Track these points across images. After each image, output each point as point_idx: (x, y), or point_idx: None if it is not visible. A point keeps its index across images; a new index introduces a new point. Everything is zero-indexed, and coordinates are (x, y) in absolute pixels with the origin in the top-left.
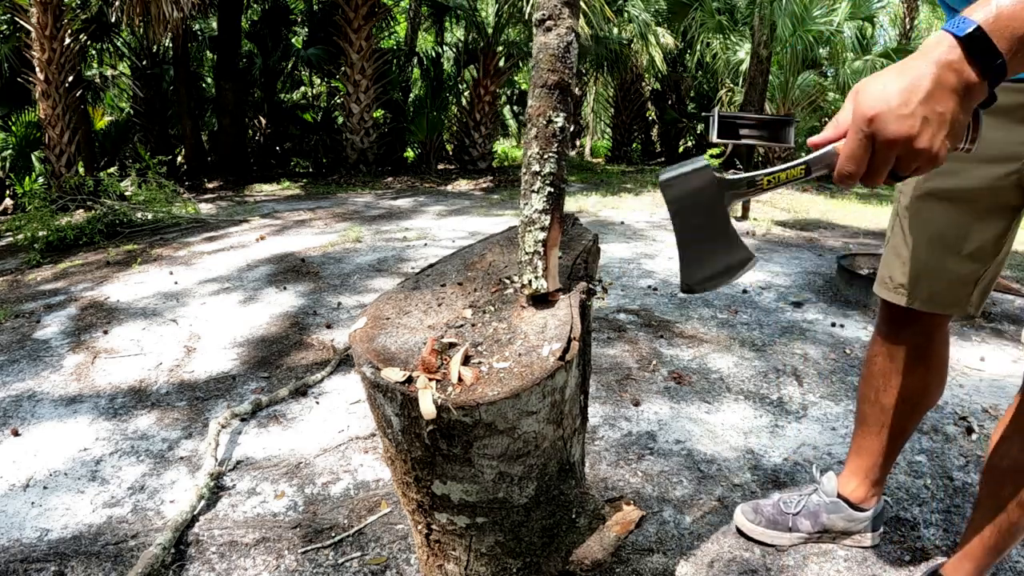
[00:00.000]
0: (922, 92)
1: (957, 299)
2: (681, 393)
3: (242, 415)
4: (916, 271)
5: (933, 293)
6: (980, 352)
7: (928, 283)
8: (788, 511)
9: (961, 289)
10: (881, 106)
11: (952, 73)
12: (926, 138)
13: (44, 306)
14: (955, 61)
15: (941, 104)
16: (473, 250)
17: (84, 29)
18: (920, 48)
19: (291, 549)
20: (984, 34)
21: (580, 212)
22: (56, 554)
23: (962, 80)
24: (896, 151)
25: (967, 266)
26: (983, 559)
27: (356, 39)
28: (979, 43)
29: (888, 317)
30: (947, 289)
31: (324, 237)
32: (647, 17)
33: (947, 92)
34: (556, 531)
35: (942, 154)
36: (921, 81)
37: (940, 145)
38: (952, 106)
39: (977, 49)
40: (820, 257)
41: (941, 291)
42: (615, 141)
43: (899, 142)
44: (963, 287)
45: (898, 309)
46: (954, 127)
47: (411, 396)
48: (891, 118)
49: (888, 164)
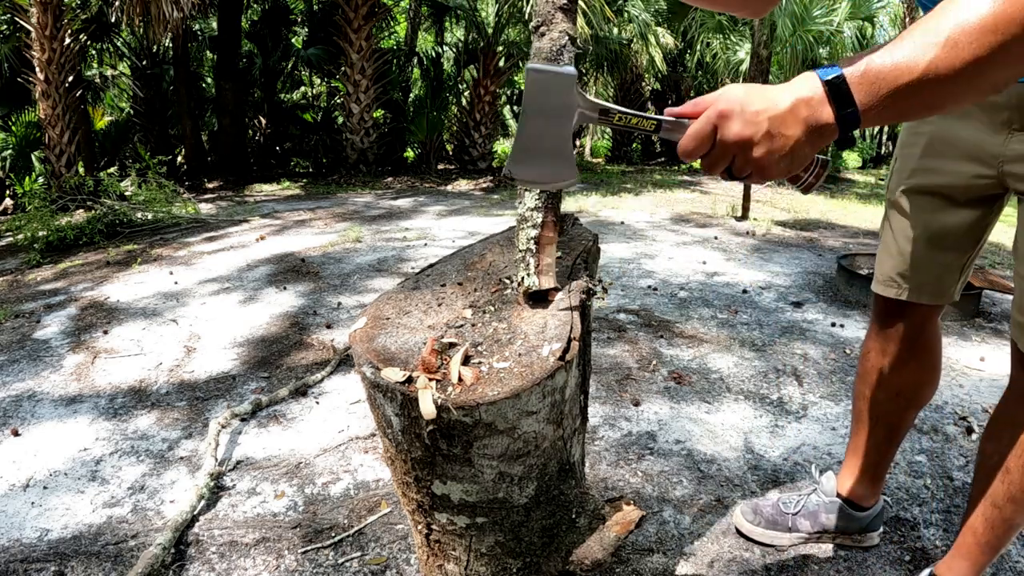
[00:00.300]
0: (774, 111)
1: (944, 288)
2: (681, 393)
3: (242, 415)
4: (905, 264)
5: (922, 284)
6: (980, 352)
7: (917, 274)
8: (787, 511)
9: (948, 278)
10: (735, 107)
11: (807, 107)
12: (762, 150)
13: (44, 306)
14: (814, 99)
15: (787, 128)
16: (473, 250)
17: (84, 29)
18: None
19: (291, 549)
20: (844, 84)
21: (580, 212)
22: (56, 554)
23: (814, 116)
24: (732, 151)
25: (951, 255)
26: (978, 557)
27: (356, 39)
28: (838, 90)
29: (880, 312)
30: (935, 279)
31: (324, 237)
32: (647, 17)
33: (797, 120)
34: (556, 531)
35: (772, 171)
36: (778, 103)
37: (773, 162)
38: (797, 134)
39: (835, 96)
40: (820, 257)
41: (929, 281)
42: (615, 141)
43: (737, 143)
44: (949, 275)
45: (890, 303)
46: (794, 153)
47: (411, 396)
48: (738, 120)
49: (724, 159)
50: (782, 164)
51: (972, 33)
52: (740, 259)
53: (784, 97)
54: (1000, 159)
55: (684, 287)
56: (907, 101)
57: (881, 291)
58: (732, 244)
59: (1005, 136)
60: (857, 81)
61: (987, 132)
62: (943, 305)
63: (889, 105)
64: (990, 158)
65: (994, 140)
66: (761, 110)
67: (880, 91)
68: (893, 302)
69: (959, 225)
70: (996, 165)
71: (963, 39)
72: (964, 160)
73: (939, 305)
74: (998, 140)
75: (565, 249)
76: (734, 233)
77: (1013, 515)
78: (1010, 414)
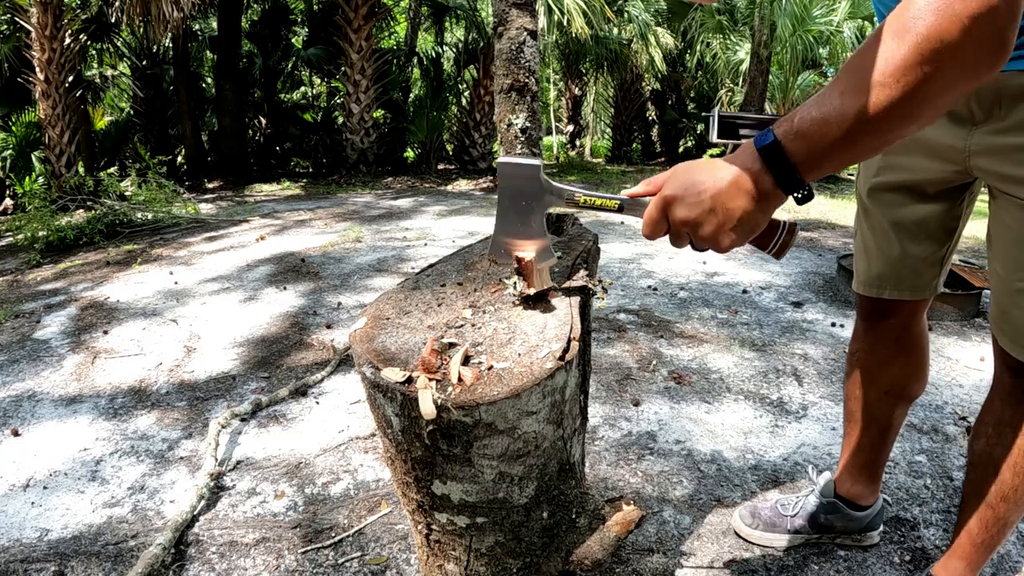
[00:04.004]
0: (716, 189)
1: (925, 283)
2: (681, 393)
3: (242, 415)
4: (883, 261)
5: (901, 280)
6: (980, 352)
7: (895, 271)
8: (786, 513)
9: (927, 272)
10: (678, 191)
11: (748, 178)
12: (709, 228)
13: (44, 306)
14: (754, 170)
15: (731, 202)
16: (473, 250)
17: (84, 29)
18: (737, 151)
19: (291, 549)
20: (780, 149)
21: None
22: (56, 554)
23: (757, 186)
24: (684, 230)
25: (927, 249)
26: (974, 557)
27: (356, 39)
28: (774, 156)
29: (865, 312)
30: (914, 274)
31: (324, 237)
32: (647, 17)
33: (741, 193)
34: (556, 531)
35: (725, 243)
36: (720, 180)
37: (723, 236)
38: (743, 206)
39: (771, 161)
40: (820, 257)
41: (907, 276)
42: (615, 141)
43: (685, 224)
44: (928, 269)
45: (874, 302)
46: (745, 224)
47: (411, 396)
48: (681, 204)
49: (681, 237)
50: (735, 235)
51: (896, 70)
52: (740, 259)
53: (725, 173)
54: (965, 154)
55: (684, 287)
56: (845, 151)
57: (863, 291)
58: None
59: (967, 131)
60: (791, 142)
61: (948, 128)
62: (928, 300)
63: (827, 159)
64: (955, 153)
65: (956, 135)
66: (703, 190)
67: (816, 148)
68: (877, 301)
69: (931, 217)
70: (962, 160)
71: (889, 78)
72: (928, 157)
73: (923, 300)
74: (961, 134)
75: (565, 249)
76: None
77: (1007, 514)
78: (996, 412)
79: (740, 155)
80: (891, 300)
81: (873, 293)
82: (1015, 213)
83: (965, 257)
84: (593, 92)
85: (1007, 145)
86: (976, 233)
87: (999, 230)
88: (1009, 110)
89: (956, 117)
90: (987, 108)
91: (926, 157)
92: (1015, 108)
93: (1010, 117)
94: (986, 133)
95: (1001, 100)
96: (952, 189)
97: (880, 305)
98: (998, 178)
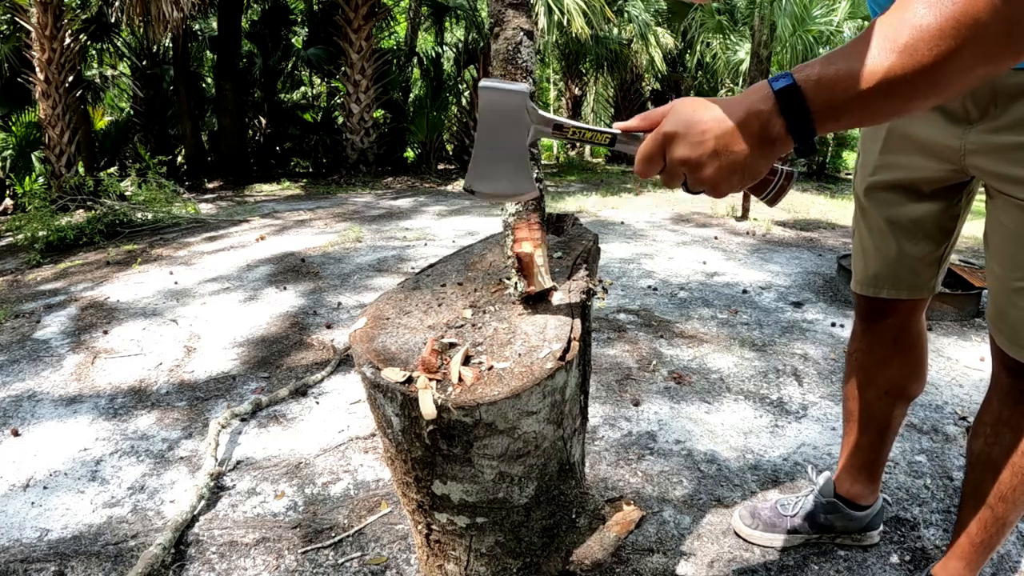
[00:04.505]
0: (721, 129)
1: (923, 282)
2: (681, 393)
3: (242, 415)
4: (881, 261)
5: (898, 279)
6: (980, 352)
7: (893, 270)
8: (786, 513)
9: (925, 271)
10: (680, 128)
11: (757, 121)
12: (709, 170)
13: (44, 306)
14: (764, 112)
15: (736, 145)
16: (473, 250)
17: (84, 29)
18: (745, 90)
19: (291, 549)
20: (799, 92)
21: (580, 212)
22: (56, 554)
23: (765, 130)
24: (682, 170)
25: (925, 248)
26: (974, 557)
27: (356, 39)
28: (791, 100)
29: (863, 312)
30: (912, 273)
31: (324, 237)
32: (647, 17)
33: (747, 136)
34: (556, 531)
35: (724, 188)
36: (726, 120)
37: (722, 180)
38: (747, 149)
39: (788, 105)
40: (820, 257)
41: (905, 276)
42: None
43: (684, 164)
44: (926, 269)
45: (872, 302)
46: (747, 169)
47: (411, 396)
48: (683, 142)
49: (676, 177)
50: (734, 180)
51: (931, 38)
52: (740, 259)
53: (733, 112)
54: (961, 152)
55: (684, 287)
56: (865, 108)
57: (860, 291)
58: (732, 244)
59: (963, 129)
60: (812, 88)
61: (944, 127)
62: (926, 299)
63: (845, 113)
64: (951, 152)
65: (952, 134)
66: (707, 129)
67: (836, 99)
68: (874, 301)
69: (928, 217)
70: (958, 159)
71: (922, 45)
72: (924, 156)
73: (922, 300)
74: (956, 133)
75: (565, 249)
76: (734, 233)
77: (1005, 513)
78: (994, 412)
79: (749, 96)
80: (889, 299)
81: (871, 292)
82: (1012, 212)
83: (965, 257)
84: (593, 92)
85: (1003, 144)
86: (975, 233)
87: (996, 229)
88: (1005, 109)
89: (952, 116)
90: (983, 107)
91: (922, 156)
92: (1011, 107)
93: (1006, 116)
94: (982, 132)
95: (997, 99)
96: (949, 188)
97: (878, 305)
98: (994, 177)
